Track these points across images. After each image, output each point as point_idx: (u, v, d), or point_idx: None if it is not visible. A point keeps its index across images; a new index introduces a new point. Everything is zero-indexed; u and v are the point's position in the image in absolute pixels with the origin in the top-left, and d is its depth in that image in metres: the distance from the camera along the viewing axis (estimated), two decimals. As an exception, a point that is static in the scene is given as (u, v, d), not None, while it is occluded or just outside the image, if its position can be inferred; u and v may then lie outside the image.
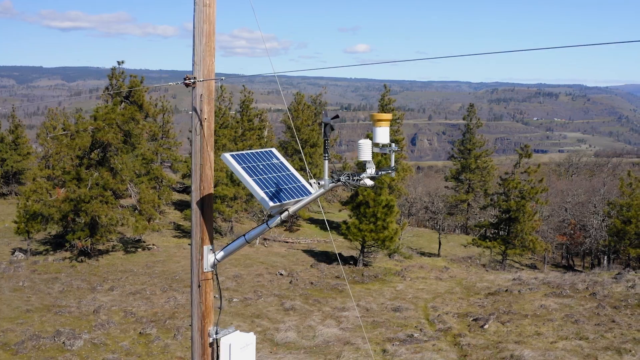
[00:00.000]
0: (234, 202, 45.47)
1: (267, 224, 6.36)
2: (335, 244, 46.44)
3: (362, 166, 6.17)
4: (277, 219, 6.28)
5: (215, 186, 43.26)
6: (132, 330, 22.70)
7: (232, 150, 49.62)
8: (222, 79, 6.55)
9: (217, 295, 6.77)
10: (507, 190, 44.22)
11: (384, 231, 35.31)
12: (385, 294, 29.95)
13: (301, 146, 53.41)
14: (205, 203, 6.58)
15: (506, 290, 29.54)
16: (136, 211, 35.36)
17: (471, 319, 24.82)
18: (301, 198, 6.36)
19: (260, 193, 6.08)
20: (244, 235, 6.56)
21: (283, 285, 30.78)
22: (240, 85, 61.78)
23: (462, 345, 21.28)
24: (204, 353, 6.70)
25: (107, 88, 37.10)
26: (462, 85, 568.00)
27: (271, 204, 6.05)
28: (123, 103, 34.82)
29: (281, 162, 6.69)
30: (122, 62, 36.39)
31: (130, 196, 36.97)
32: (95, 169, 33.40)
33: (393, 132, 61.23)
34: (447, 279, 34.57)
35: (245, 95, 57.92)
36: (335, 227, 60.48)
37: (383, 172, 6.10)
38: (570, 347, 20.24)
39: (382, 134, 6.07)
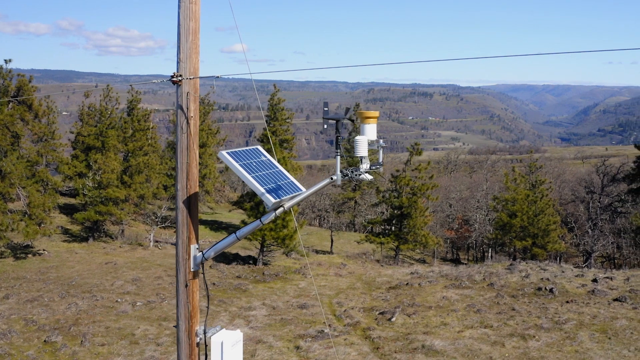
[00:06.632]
0: (125, 204, 44.43)
1: (260, 220, 6.39)
2: (230, 244, 46.13)
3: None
4: (272, 215, 6.33)
5: (105, 188, 42.15)
6: (36, 338, 21.82)
7: (121, 151, 48.54)
8: (218, 77, 6.50)
9: (209, 308, 6.73)
10: (398, 187, 45.28)
11: (284, 230, 35.50)
12: (289, 292, 30.13)
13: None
14: (192, 202, 6.51)
15: (407, 283, 30.36)
16: (26, 215, 33.90)
17: (377, 312, 25.38)
18: (297, 193, 6.45)
19: (261, 190, 6.12)
20: (235, 232, 6.55)
21: (185, 287, 30.35)
22: (128, 85, 59.91)
23: (373, 338, 21.76)
24: (191, 353, 6.63)
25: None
26: (339, 85, 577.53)
27: (273, 200, 6.10)
28: (11, 103, 33.32)
29: (269, 160, 6.74)
30: (10, 60, 34.85)
31: (18, 199, 35.44)
32: (-18, 172, 31.83)
33: (283, 132, 61.47)
34: (347, 275, 35.13)
35: (132, 95, 56.35)
36: (224, 227, 60.20)
37: (373, 168, 6.30)
38: (477, 335, 21.12)
39: (370, 131, 6.26)
